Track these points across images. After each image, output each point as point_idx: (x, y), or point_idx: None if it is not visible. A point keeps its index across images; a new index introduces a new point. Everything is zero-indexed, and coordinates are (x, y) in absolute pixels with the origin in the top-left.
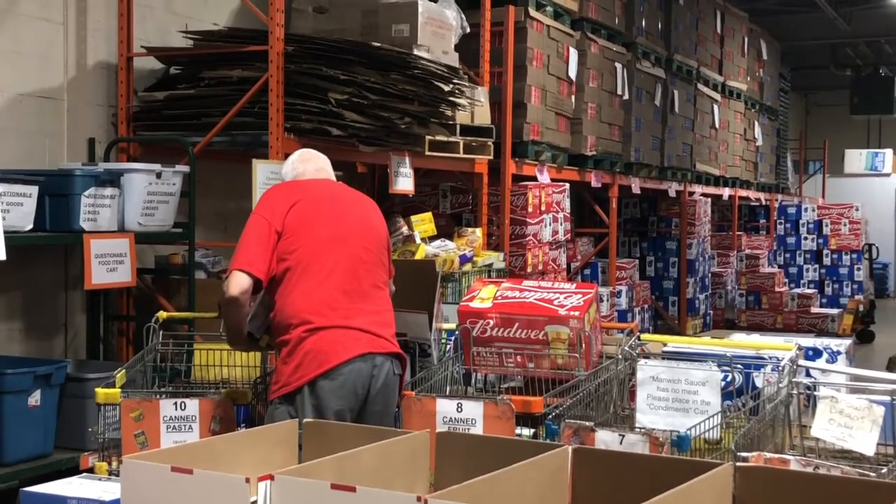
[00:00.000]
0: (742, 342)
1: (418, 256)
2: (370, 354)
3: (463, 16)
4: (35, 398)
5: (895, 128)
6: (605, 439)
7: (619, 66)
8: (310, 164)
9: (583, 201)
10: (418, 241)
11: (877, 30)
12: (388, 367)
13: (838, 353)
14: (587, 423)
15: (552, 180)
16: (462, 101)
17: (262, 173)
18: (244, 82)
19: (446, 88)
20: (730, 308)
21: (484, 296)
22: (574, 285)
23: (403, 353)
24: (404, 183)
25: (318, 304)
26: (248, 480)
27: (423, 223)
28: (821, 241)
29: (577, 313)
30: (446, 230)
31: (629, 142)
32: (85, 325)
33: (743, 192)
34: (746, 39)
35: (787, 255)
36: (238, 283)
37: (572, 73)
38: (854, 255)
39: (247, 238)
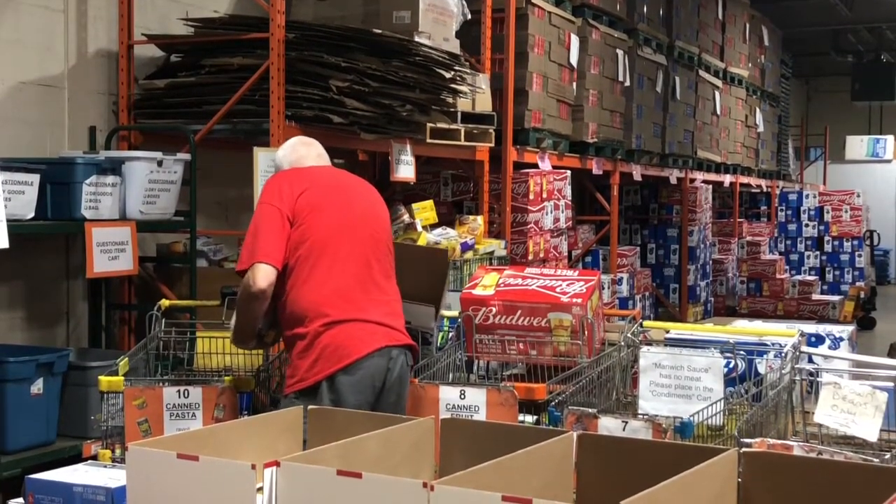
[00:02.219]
0: (745, 328)
1: (419, 244)
2: (387, 348)
3: (464, 2)
4: (37, 387)
5: None
6: (608, 426)
7: (620, 52)
8: (311, 148)
9: (584, 189)
10: (419, 228)
11: (878, 15)
12: (402, 360)
13: (841, 339)
14: (590, 410)
15: (553, 168)
16: (463, 88)
17: (264, 161)
18: (245, 70)
19: (447, 76)
20: (731, 295)
21: (486, 283)
22: (576, 272)
23: (415, 345)
24: (405, 171)
25: (334, 297)
26: (253, 467)
27: (425, 211)
28: (822, 227)
29: (579, 300)
30: (447, 218)
31: (630, 129)
32: (87, 314)
33: (744, 179)
34: (748, 26)
35: (788, 242)
36: (265, 275)
37: (574, 60)
38: (855, 242)
39: (261, 228)
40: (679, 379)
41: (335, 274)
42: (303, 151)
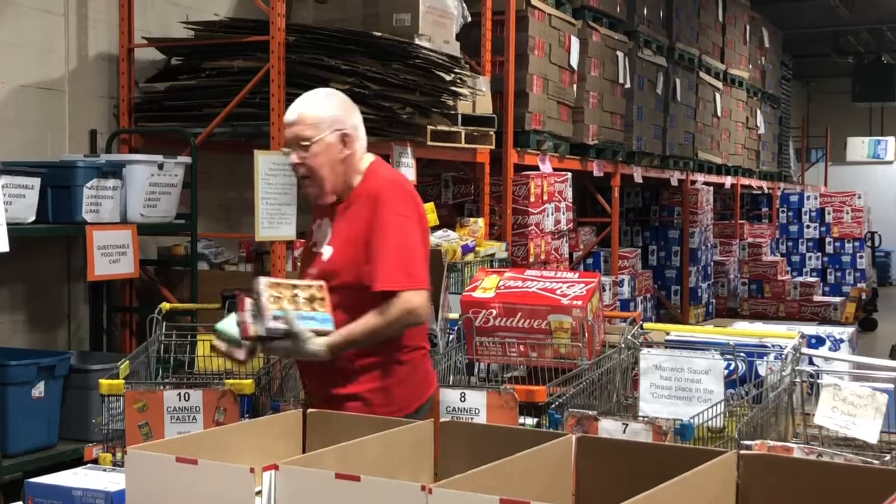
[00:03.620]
0: (745, 330)
1: None
2: None
3: (464, 4)
4: (39, 390)
5: None
6: (609, 428)
7: (620, 54)
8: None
9: (585, 190)
10: None
11: (878, 17)
12: None
13: (841, 340)
14: (590, 412)
15: (554, 170)
16: (463, 90)
17: (264, 164)
18: (245, 73)
19: (448, 78)
20: (732, 297)
21: (487, 285)
22: (577, 275)
23: None
24: (406, 173)
25: (422, 326)
26: (252, 470)
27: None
28: (823, 229)
29: (579, 303)
30: (448, 220)
31: (631, 130)
32: (88, 317)
33: (745, 181)
34: (748, 27)
35: (790, 244)
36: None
37: (574, 62)
38: (856, 243)
39: (417, 249)
40: (679, 381)
41: None
42: (363, 136)
